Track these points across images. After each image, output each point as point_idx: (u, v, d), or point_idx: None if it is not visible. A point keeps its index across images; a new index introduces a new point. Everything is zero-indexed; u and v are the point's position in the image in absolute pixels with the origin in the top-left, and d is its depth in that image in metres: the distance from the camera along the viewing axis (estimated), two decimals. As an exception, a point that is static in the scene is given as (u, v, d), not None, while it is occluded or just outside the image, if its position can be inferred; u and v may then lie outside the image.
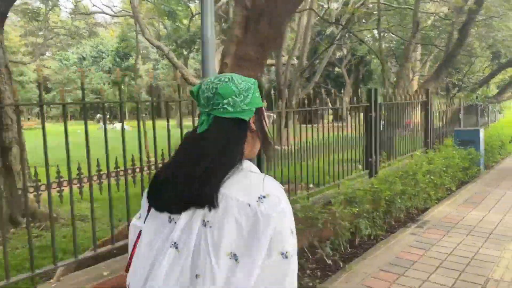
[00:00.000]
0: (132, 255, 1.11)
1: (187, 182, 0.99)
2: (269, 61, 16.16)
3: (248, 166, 1.06)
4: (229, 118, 1.05)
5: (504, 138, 11.02)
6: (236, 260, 0.93)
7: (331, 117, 7.57)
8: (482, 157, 8.67)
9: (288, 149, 4.58)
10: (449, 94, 21.23)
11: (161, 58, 38.71)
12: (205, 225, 0.96)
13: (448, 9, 10.87)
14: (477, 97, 13.38)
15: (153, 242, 1.04)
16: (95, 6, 30.49)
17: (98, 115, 33.50)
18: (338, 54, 28.85)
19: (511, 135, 10.42)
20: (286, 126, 9.25)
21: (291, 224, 1.00)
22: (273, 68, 18.26)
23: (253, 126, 1.08)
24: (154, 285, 0.97)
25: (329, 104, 5.82)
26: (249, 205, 0.95)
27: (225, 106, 1.04)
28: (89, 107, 3.42)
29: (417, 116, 8.89)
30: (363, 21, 17.99)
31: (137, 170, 3.23)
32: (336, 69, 31.69)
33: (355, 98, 5.91)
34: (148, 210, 1.10)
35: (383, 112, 6.96)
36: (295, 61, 15.22)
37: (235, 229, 0.94)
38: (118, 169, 3.12)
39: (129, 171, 3.17)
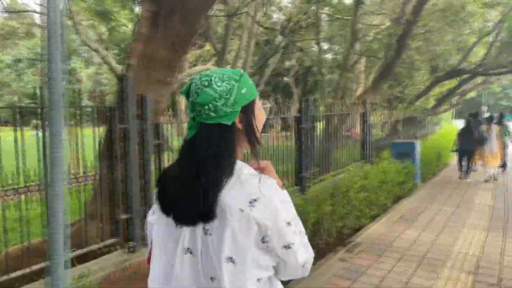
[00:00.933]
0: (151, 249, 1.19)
1: (190, 201, 1.04)
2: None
3: (239, 167, 1.06)
4: (213, 124, 1.05)
5: (441, 149, 11.11)
6: (233, 263, 1.01)
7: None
8: (418, 170, 8.55)
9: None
10: (391, 106, 21.72)
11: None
12: (205, 233, 1.04)
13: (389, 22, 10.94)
14: (416, 109, 13.59)
15: (165, 246, 1.12)
16: (25, 5, 28.44)
17: (34, 121, 31.16)
18: (288, 64, 28.94)
19: (449, 147, 10.47)
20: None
21: (287, 216, 1.06)
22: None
23: (239, 126, 1.08)
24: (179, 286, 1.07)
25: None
26: (242, 211, 1.00)
27: (207, 112, 1.04)
28: (24, 112, 2.79)
29: (356, 128, 8.66)
30: (311, 31, 17.93)
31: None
32: (286, 79, 31.79)
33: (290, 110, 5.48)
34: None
35: (320, 124, 6.59)
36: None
37: (231, 236, 1.01)
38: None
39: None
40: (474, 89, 18.62)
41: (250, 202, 1.00)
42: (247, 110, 1.08)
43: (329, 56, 22.21)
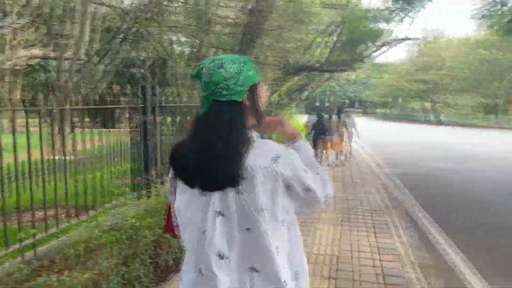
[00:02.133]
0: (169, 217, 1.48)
1: (218, 168, 1.21)
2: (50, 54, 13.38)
3: (255, 135, 1.29)
4: (225, 101, 1.24)
5: None
6: (266, 210, 1.24)
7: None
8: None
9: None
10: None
11: None
12: (238, 193, 1.24)
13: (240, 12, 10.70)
14: (270, 103, 13.76)
15: (192, 214, 1.29)
16: None
17: None
18: (143, 55, 27.12)
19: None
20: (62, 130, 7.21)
21: (302, 165, 1.31)
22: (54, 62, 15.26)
23: (246, 103, 1.28)
24: (219, 248, 1.24)
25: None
26: (266, 168, 1.23)
27: (220, 90, 1.23)
28: None
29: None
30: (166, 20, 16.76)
31: None
32: (142, 71, 29.86)
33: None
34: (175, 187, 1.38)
35: (166, 116, 5.74)
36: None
37: (262, 190, 1.23)
38: None
39: None
40: (321, 85, 20.16)
41: (273, 159, 1.23)
42: (253, 90, 1.29)
43: (186, 48, 21.39)
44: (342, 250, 4.26)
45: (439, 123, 37.43)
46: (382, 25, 13.82)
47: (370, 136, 21.71)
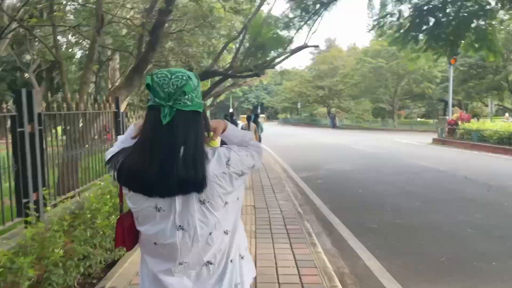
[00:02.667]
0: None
1: (180, 171, 1.26)
2: None
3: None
4: (189, 111, 1.30)
5: None
6: (228, 203, 1.37)
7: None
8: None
9: None
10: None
11: None
12: (203, 203, 1.32)
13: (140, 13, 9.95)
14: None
15: (152, 227, 1.35)
16: None
17: None
18: (28, 58, 24.27)
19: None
20: None
21: (243, 150, 1.43)
22: None
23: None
24: (188, 260, 1.37)
25: None
26: (224, 173, 1.33)
27: (185, 101, 1.29)
28: None
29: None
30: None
31: None
32: (25, 75, 26.75)
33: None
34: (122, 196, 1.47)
35: (50, 125, 4.90)
36: None
37: (222, 192, 1.34)
38: None
39: None
40: (226, 91, 19.95)
41: (227, 164, 1.33)
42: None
43: (77, 50, 19.70)
44: (261, 267, 3.94)
45: (335, 126, 39.99)
46: (284, 33, 14.10)
47: (274, 140, 22.19)
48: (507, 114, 43.73)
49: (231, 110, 45.13)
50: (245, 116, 13.05)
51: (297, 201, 7.41)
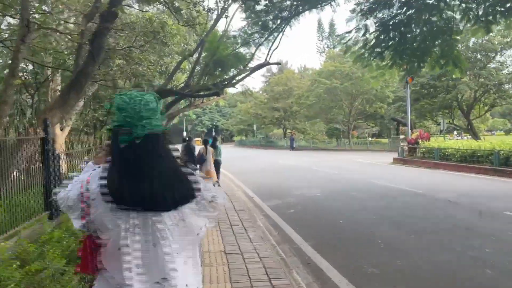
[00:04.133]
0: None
1: (172, 191, 1.41)
2: None
3: None
4: (155, 134, 1.41)
5: None
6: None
7: None
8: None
9: None
10: (95, 131, 19.16)
11: None
12: (175, 223, 1.42)
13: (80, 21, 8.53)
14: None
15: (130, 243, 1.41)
16: None
17: None
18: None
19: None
20: None
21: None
22: None
23: None
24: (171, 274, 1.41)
25: None
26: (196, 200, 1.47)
27: (154, 123, 1.41)
28: None
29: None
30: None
31: None
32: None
33: None
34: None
35: None
36: None
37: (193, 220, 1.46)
38: None
39: None
40: (181, 112, 18.55)
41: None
42: None
43: None
44: None
45: (292, 148, 39.47)
46: (243, 50, 13.14)
47: (233, 164, 20.95)
48: (455, 132, 45.52)
49: (184, 133, 43.47)
50: (199, 139, 12.10)
51: (273, 238, 6.22)
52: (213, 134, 51.42)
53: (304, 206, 9.27)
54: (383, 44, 11.97)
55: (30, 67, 14.26)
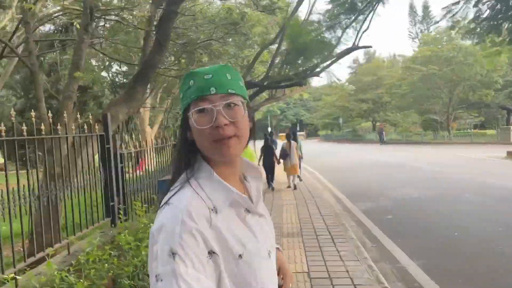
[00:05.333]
0: None
1: None
2: None
3: None
4: None
5: None
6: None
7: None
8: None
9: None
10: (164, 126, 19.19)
11: None
12: None
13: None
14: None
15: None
16: None
17: None
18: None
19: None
20: None
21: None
22: None
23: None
24: None
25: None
26: None
27: None
28: None
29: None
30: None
31: None
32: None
33: None
34: None
35: None
36: None
37: None
38: None
39: None
40: (263, 105, 17.80)
41: None
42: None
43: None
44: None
45: (382, 141, 36.78)
46: (327, 34, 11.87)
47: (318, 159, 19.71)
48: None
49: (269, 129, 43.07)
50: (284, 134, 11.33)
51: (369, 254, 5.02)
52: (296, 128, 50.55)
53: (405, 211, 7.82)
54: (499, 16, 9.86)
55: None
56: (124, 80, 18.07)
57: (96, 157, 5.00)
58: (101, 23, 10.03)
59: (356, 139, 44.53)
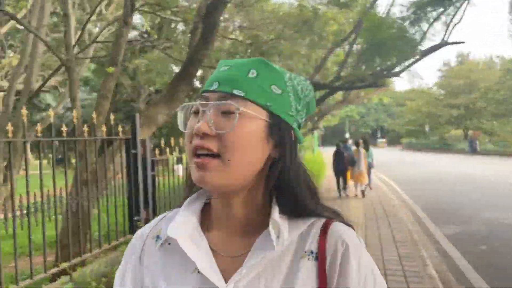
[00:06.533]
0: None
1: None
2: None
3: None
4: None
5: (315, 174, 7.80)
6: None
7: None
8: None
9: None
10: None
11: None
12: None
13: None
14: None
15: None
16: None
17: None
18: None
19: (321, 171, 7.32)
20: None
21: None
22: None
23: None
24: None
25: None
26: None
27: None
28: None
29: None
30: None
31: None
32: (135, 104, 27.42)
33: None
34: None
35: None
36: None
37: None
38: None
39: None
40: (335, 109, 16.52)
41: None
42: None
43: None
44: None
45: (474, 152, 33.00)
46: (411, 30, 10.42)
47: (397, 170, 17.92)
48: None
49: (347, 135, 41.22)
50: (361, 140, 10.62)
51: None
52: (367, 137, 47.97)
53: (502, 240, 6.28)
54: None
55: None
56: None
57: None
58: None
59: (444, 148, 40.69)
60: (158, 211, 4.53)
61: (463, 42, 9.88)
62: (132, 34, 13.99)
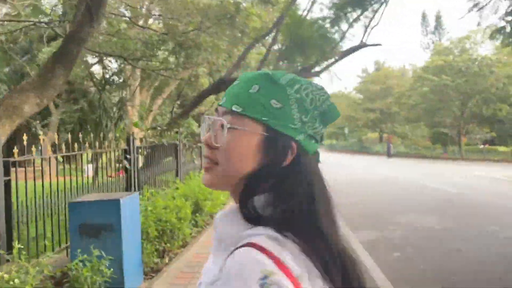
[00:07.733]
0: None
1: None
2: None
3: None
4: None
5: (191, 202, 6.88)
6: None
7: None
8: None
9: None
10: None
11: None
12: None
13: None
14: (177, 132, 9.72)
15: None
16: None
17: None
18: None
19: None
20: None
21: None
22: None
23: None
24: None
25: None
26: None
27: None
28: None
29: None
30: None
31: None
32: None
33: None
34: None
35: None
36: None
37: None
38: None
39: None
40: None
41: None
42: None
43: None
44: None
45: (389, 154, 34.92)
46: (331, 29, 10.25)
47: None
48: None
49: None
50: None
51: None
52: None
53: (417, 248, 6.12)
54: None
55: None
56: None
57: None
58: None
59: (362, 150, 42.70)
60: (17, 223, 3.60)
61: (380, 44, 9.92)
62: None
